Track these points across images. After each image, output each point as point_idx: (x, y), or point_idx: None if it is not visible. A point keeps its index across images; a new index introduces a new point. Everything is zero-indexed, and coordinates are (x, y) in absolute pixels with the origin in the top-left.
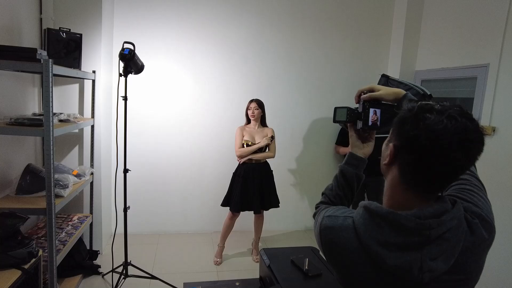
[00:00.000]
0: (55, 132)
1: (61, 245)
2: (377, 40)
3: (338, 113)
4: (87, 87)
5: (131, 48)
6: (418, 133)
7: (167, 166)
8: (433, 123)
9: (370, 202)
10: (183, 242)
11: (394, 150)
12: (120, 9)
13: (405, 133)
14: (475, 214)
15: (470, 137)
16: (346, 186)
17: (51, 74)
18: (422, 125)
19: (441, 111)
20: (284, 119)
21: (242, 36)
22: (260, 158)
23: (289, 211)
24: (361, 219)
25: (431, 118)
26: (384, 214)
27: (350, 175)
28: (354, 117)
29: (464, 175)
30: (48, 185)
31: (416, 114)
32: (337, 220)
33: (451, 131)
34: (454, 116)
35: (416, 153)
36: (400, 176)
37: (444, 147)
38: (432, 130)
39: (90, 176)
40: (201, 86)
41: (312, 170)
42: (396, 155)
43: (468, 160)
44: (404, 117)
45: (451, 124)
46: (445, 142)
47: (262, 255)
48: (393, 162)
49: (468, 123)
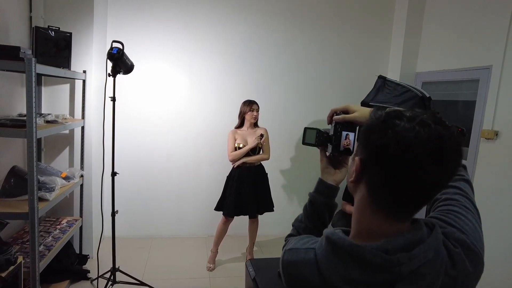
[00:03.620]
0: (40, 134)
1: (46, 250)
2: (377, 40)
3: (308, 135)
4: (78, 88)
5: (120, 47)
6: (387, 142)
7: (160, 169)
8: (404, 130)
9: (333, 231)
10: (176, 246)
11: (361, 164)
12: (114, 8)
13: (372, 143)
14: (459, 242)
15: (446, 146)
16: (315, 217)
17: (34, 74)
18: (390, 132)
19: (412, 117)
20: (281, 120)
21: (238, 35)
22: (255, 161)
23: (286, 214)
24: (324, 252)
25: (401, 125)
26: (347, 247)
27: (319, 204)
28: (324, 140)
29: (455, 195)
30: (30, 189)
31: (384, 121)
32: (298, 254)
33: (424, 139)
34: (427, 122)
35: (385, 166)
36: (368, 195)
37: (417, 158)
38: (402, 138)
39: (80, 178)
40: (196, 87)
41: (309, 172)
42: (363, 171)
43: (445, 175)
44: (371, 125)
45: (424, 131)
46: (418, 151)
47: (248, 267)
48: (360, 179)
49: (442, 131)
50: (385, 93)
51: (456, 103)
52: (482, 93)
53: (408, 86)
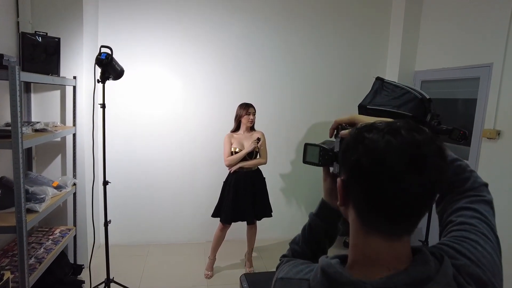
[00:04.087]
0: (27, 144)
1: (37, 263)
2: (375, 39)
3: (310, 153)
4: (69, 94)
5: (109, 52)
6: (358, 157)
7: (156, 174)
8: (372, 142)
9: (329, 262)
10: (173, 253)
11: (343, 185)
12: (104, 12)
13: (348, 161)
14: (473, 278)
15: (423, 153)
16: (314, 243)
17: (18, 82)
18: (361, 147)
19: (382, 128)
20: (277, 123)
21: (232, 36)
22: (252, 165)
23: (285, 218)
24: (318, 286)
25: (370, 137)
26: (344, 284)
27: (320, 230)
28: (329, 159)
29: (472, 219)
30: (17, 201)
31: (355, 136)
32: (291, 284)
33: (395, 147)
34: (397, 130)
35: (363, 182)
36: (358, 217)
37: (392, 169)
38: (372, 150)
39: (73, 187)
40: (190, 90)
41: (308, 175)
42: (346, 191)
43: (428, 184)
44: (346, 143)
45: (395, 140)
46: (391, 162)
47: (242, 282)
48: (347, 201)
49: (417, 136)
50: (383, 96)
51: (456, 102)
52: (483, 91)
53: (407, 87)
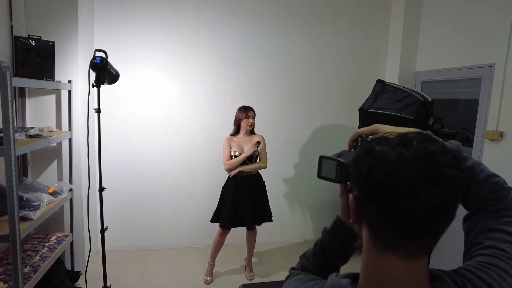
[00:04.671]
0: (20, 150)
1: (32, 272)
2: (374, 39)
3: (325, 167)
4: (64, 98)
5: (103, 56)
6: (369, 169)
7: (154, 179)
8: (382, 153)
9: (338, 283)
10: (172, 258)
11: (355, 202)
12: (100, 14)
13: (358, 176)
14: None
15: (437, 163)
16: (324, 261)
17: (10, 88)
18: (371, 159)
19: (393, 139)
20: (277, 126)
21: (229, 39)
22: (251, 169)
23: (285, 222)
24: None
25: (380, 149)
26: None
27: (330, 249)
28: (347, 175)
29: (502, 244)
30: (10, 210)
31: (365, 149)
32: None
33: (407, 159)
34: (409, 140)
35: (375, 197)
36: (371, 234)
37: (404, 181)
38: (382, 162)
39: (69, 192)
40: (188, 94)
41: (308, 179)
42: (359, 208)
43: (445, 196)
44: (356, 157)
45: (406, 151)
46: (403, 174)
47: None
48: (360, 218)
49: (430, 146)
50: (385, 99)
51: (458, 102)
52: (485, 92)
53: (409, 90)
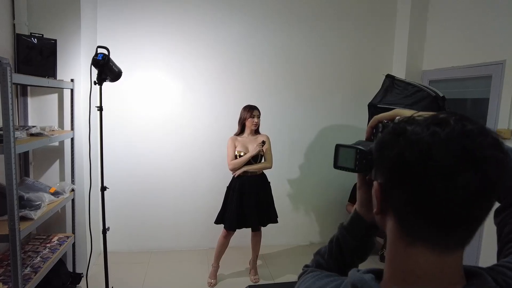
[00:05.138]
0: (20, 149)
1: (32, 273)
2: (380, 38)
3: (342, 156)
4: (66, 97)
5: (105, 53)
6: (399, 151)
7: (157, 179)
8: (415, 133)
9: (362, 278)
10: (175, 260)
11: (380, 189)
12: (103, 14)
13: (385, 160)
14: None
15: (478, 144)
16: (341, 259)
17: (10, 84)
18: (402, 140)
19: (426, 119)
20: (282, 126)
21: (233, 38)
22: (256, 169)
23: (290, 224)
24: None
25: (412, 129)
26: None
27: (348, 245)
28: (368, 164)
29: None
30: (10, 209)
31: (394, 130)
32: None
33: (443, 139)
34: (444, 119)
35: (406, 183)
36: (399, 225)
37: (440, 165)
38: (415, 143)
39: (71, 193)
40: (192, 93)
41: (313, 180)
42: (384, 196)
43: (487, 181)
44: (382, 140)
45: (442, 130)
46: (438, 156)
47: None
48: (385, 207)
49: (468, 126)
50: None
51: (467, 102)
52: (496, 90)
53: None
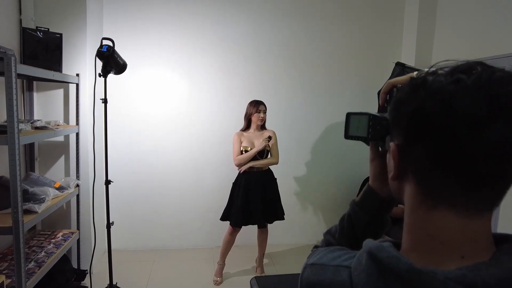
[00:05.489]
0: (24, 140)
1: (36, 268)
2: (388, 33)
3: (354, 124)
4: (72, 93)
5: (110, 44)
6: (420, 104)
7: (162, 176)
8: (438, 82)
9: (380, 245)
10: (181, 259)
11: (398, 151)
12: (109, 10)
13: (403, 116)
14: None
15: (510, 91)
16: (353, 237)
17: (15, 74)
18: (422, 91)
19: (450, 68)
20: (288, 122)
21: (240, 34)
22: (262, 165)
23: (297, 223)
24: (364, 275)
25: (434, 79)
26: (403, 273)
27: (360, 222)
28: (382, 130)
29: None
30: (14, 201)
31: (412, 83)
32: (325, 272)
33: (470, 86)
34: (470, 66)
35: (428, 137)
36: (419, 188)
37: (466, 113)
38: (438, 92)
39: (75, 188)
40: (197, 88)
41: (320, 178)
42: (403, 158)
43: None
44: (398, 98)
45: (468, 78)
46: (464, 103)
47: (253, 286)
48: (403, 171)
49: (498, 72)
50: None
51: None
52: None
53: None
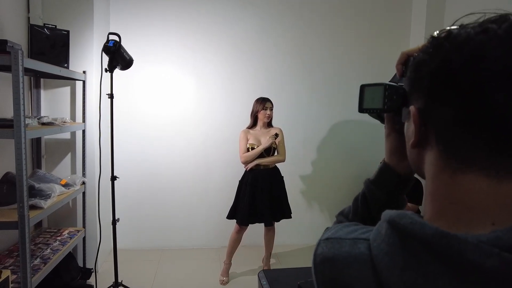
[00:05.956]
0: (31, 134)
1: (41, 264)
2: (396, 32)
3: (368, 96)
4: (79, 90)
5: (117, 40)
6: (445, 57)
7: (169, 175)
8: (465, 33)
9: (401, 213)
10: (187, 258)
11: (419, 114)
12: (116, 6)
13: (425, 75)
14: None
15: None
16: (368, 217)
17: (22, 68)
18: (447, 44)
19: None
20: (295, 120)
21: (246, 32)
22: (269, 162)
23: (304, 222)
24: (384, 245)
25: (459, 31)
26: (430, 238)
27: (376, 201)
28: (399, 100)
29: None
30: (20, 195)
31: (435, 39)
32: (341, 246)
33: (501, 36)
34: (502, 16)
35: (453, 94)
36: (444, 152)
37: (498, 63)
38: (466, 42)
39: (82, 186)
40: (205, 87)
41: (328, 177)
42: (424, 121)
43: None
44: (418, 59)
45: (499, 27)
46: (495, 53)
47: (261, 279)
48: (425, 136)
49: None
50: None
51: None
52: None
53: None
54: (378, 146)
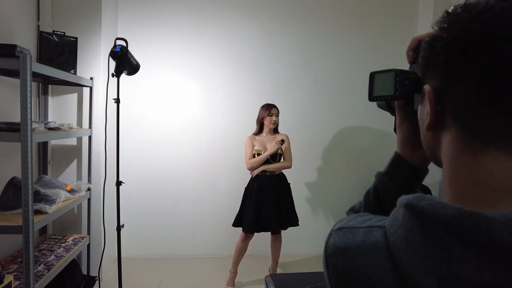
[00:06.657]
0: (37, 138)
1: (45, 270)
2: (402, 36)
3: (379, 84)
4: (86, 97)
5: (124, 45)
6: (464, 28)
7: (174, 182)
8: (485, 2)
9: (419, 195)
10: (192, 267)
11: (434, 94)
12: (124, 14)
13: (441, 50)
14: None
15: None
16: (379, 213)
17: (30, 72)
18: (465, 14)
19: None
20: (301, 126)
21: (251, 38)
22: (275, 169)
23: (312, 232)
24: (401, 231)
25: (477, 1)
26: (451, 219)
27: (388, 194)
28: (411, 85)
29: None
30: (24, 199)
31: (452, 13)
32: (354, 235)
33: None
34: None
35: (474, 66)
36: (462, 132)
37: None
38: (484, 10)
39: (87, 192)
40: (210, 93)
41: (335, 184)
42: (441, 100)
43: None
44: (433, 36)
45: None
46: None
47: (268, 284)
48: (442, 116)
49: None
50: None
51: None
52: None
53: None
54: (386, 153)
